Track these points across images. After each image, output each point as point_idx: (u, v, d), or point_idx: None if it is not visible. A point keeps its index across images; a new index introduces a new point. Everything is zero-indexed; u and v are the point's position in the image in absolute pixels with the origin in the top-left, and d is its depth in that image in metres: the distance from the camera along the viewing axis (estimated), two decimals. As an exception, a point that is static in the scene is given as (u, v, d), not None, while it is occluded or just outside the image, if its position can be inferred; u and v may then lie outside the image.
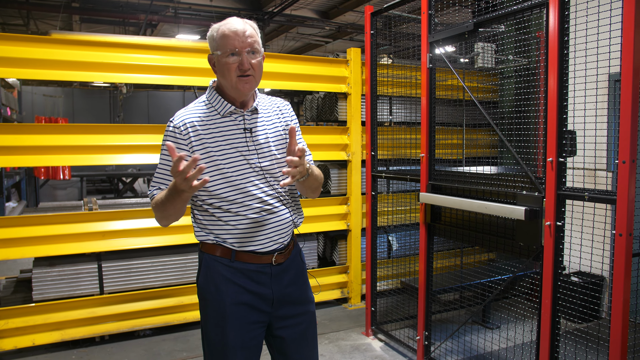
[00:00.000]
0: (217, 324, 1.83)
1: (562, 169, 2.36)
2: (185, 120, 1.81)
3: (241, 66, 1.76)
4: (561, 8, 2.31)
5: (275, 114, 1.97)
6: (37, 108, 11.21)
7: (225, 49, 1.76)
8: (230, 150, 1.81)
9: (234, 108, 1.84)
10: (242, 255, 1.83)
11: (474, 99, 2.92)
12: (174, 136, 1.80)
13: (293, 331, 1.93)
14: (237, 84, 1.78)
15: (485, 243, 2.88)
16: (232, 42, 1.75)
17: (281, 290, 1.90)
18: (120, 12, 9.84)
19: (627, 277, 2.08)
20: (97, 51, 3.71)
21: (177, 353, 3.71)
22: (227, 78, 1.78)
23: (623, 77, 2.04)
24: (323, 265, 4.97)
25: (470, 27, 2.86)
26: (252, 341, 1.85)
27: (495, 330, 3.93)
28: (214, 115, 1.83)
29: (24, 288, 4.35)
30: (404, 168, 4.05)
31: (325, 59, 4.68)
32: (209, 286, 1.85)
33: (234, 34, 1.76)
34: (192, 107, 1.87)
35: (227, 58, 1.76)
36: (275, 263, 1.88)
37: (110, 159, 3.81)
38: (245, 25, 1.80)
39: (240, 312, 1.82)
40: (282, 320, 1.92)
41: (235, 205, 1.81)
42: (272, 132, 1.92)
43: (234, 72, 1.76)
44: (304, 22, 11.02)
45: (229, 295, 1.81)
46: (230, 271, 1.83)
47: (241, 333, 1.82)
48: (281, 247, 1.90)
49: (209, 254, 1.86)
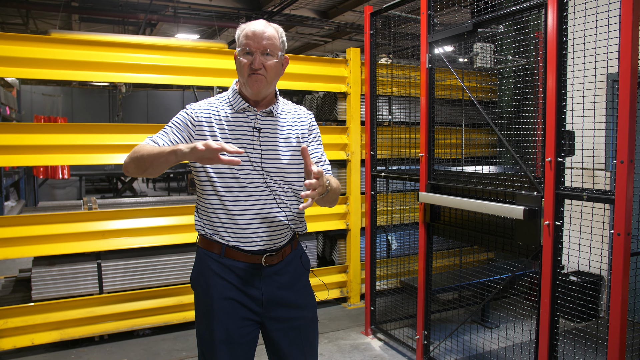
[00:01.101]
0: (205, 317, 1.86)
1: (561, 169, 2.36)
2: (202, 107, 1.89)
3: (252, 65, 1.81)
4: (560, 9, 2.32)
5: (293, 120, 1.97)
6: (36, 107, 11.20)
7: (242, 47, 1.83)
8: (236, 143, 1.83)
9: (247, 105, 1.88)
10: (230, 251, 1.85)
11: (473, 99, 2.93)
12: (186, 114, 1.87)
13: (286, 334, 1.92)
14: (248, 81, 1.83)
15: (484, 242, 2.89)
16: (249, 42, 1.82)
17: (273, 292, 1.89)
18: (119, 12, 9.84)
19: (625, 277, 2.09)
20: (97, 50, 3.71)
21: (177, 352, 3.72)
22: (241, 75, 1.86)
23: (621, 78, 2.05)
24: (322, 264, 4.98)
25: (470, 28, 2.87)
26: (244, 337, 1.85)
27: (494, 329, 3.94)
28: (228, 109, 1.88)
29: (22, 287, 4.35)
30: (403, 168, 4.06)
31: (325, 58, 4.68)
32: (199, 280, 1.90)
33: (252, 34, 1.82)
34: (210, 99, 1.94)
35: (242, 56, 1.83)
36: (266, 264, 1.88)
37: (110, 158, 3.81)
38: (267, 27, 1.84)
39: (228, 307, 1.83)
40: (276, 322, 1.91)
41: (232, 199, 1.83)
42: (283, 137, 1.92)
43: (246, 70, 1.83)
44: (303, 22, 11.03)
45: (217, 290, 1.84)
46: (219, 266, 1.85)
47: (228, 328, 1.83)
48: (272, 249, 1.89)
49: (202, 248, 1.90)
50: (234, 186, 1.83)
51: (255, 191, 1.84)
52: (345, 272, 4.77)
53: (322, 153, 2.03)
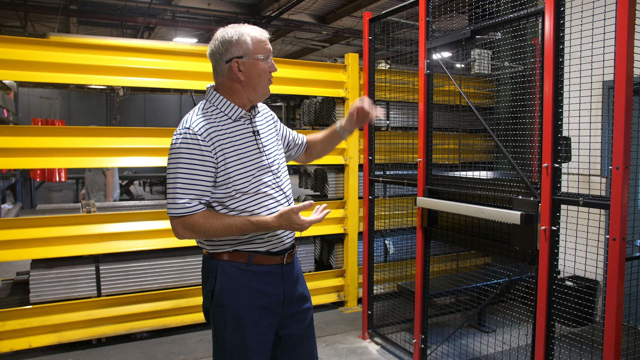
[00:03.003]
0: (235, 330, 1.84)
1: (557, 175, 2.39)
2: (206, 126, 1.77)
3: (272, 69, 1.84)
4: (556, 17, 2.35)
5: (265, 115, 2.05)
6: (34, 110, 11.18)
7: (266, 54, 1.82)
8: (248, 154, 1.84)
9: (244, 112, 1.87)
10: (258, 257, 1.86)
11: (470, 104, 2.96)
12: (196, 143, 1.74)
13: (298, 328, 1.99)
14: (266, 87, 1.86)
15: (481, 247, 2.91)
16: (267, 47, 1.83)
17: (290, 289, 1.96)
18: (118, 15, 9.86)
19: (620, 281, 2.11)
20: (95, 54, 3.71)
21: (174, 356, 3.72)
22: (258, 82, 1.84)
23: (616, 85, 2.07)
24: (320, 268, 4.99)
25: (468, 35, 2.90)
26: (267, 344, 1.90)
27: (490, 333, 3.95)
28: (226, 120, 1.84)
29: (20, 290, 4.34)
30: (401, 172, 4.08)
31: (323, 63, 4.70)
32: (226, 292, 1.84)
33: (266, 40, 1.84)
34: (203, 113, 1.83)
35: (264, 62, 1.82)
36: (286, 263, 1.93)
37: (107, 161, 3.81)
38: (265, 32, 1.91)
39: (257, 317, 1.86)
40: (289, 318, 1.97)
41: (261, 207, 1.86)
42: (271, 132, 2.01)
43: (266, 76, 1.84)
44: (302, 27, 11.07)
45: (247, 300, 1.84)
46: (247, 275, 1.85)
47: (258, 337, 1.86)
48: (291, 246, 1.97)
49: (225, 260, 1.86)
50: (259, 195, 1.85)
51: (273, 192, 1.89)
52: (343, 276, 4.78)
53: (287, 129, 2.20)
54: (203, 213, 1.77)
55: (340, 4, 10.41)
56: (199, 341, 3.95)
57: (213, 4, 10.03)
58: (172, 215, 1.76)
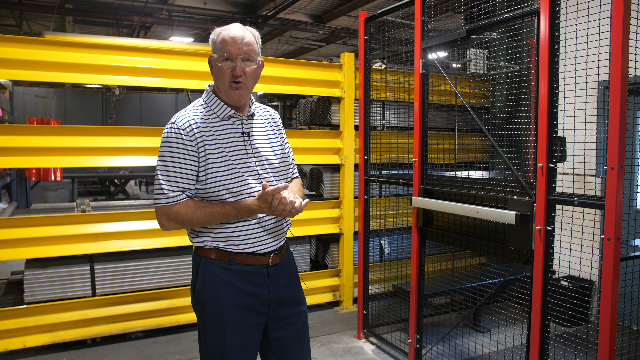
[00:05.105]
0: (215, 327, 1.84)
1: (552, 175, 2.39)
2: (190, 122, 1.81)
3: (233, 72, 1.80)
4: (552, 17, 2.35)
5: (268, 121, 2.03)
6: (29, 109, 11.14)
7: (221, 53, 1.81)
8: (231, 154, 1.83)
9: (233, 112, 1.87)
10: (240, 257, 1.85)
11: (466, 104, 2.96)
12: (180, 138, 1.79)
13: (288, 331, 1.97)
14: (229, 90, 1.83)
15: (476, 247, 2.92)
16: (228, 48, 1.80)
17: (277, 291, 1.93)
18: (113, 14, 9.82)
19: (615, 281, 2.11)
20: (90, 53, 3.70)
21: (169, 355, 3.71)
22: (221, 82, 1.84)
23: (612, 85, 2.08)
24: (315, 268, 4.99)
25: (463, 34, 2.90)
26: (250, 344, 1.88)
27: (485, 333, 3.96)
28: (214, 118, 1.86)
29: (14, 290, 4.32)
30: (397, 172, 4.08)
31: (319, 63, 4.70)
32: (207, 290, 1.85)
33: (231, 40, 1.80)
34: (192, 110, 1.88)
35: (222, 62, 1.81)
36: (272, 264, 1.91)
37: (102, 160, 3.80)
38: (245, 32, 1.83)
39: (239, 315, 1.84)
40: (278, 321, 1.95)
41: None
42: (266, 137, 1.97)
43: (227, 77, 1.81)
44: (298, 26, 11.06)
45: (228, 298, 1.83)
46: (228, 274, 1.84)
47: (239, 336, 1.84)
48: (278, 248, 1.95)
49: (207, 257, 1.87)
50: (242, 196, 1.84)
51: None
52: (338, 276, 4.78)
53: (292, 154, 2.11)
54: (186, 202, 1.81)
55: (337, 4, 10.41)
56: (194, 341, 3.95)
57: (209, 3, 10.01)
58: (155, 205, 1.82)
